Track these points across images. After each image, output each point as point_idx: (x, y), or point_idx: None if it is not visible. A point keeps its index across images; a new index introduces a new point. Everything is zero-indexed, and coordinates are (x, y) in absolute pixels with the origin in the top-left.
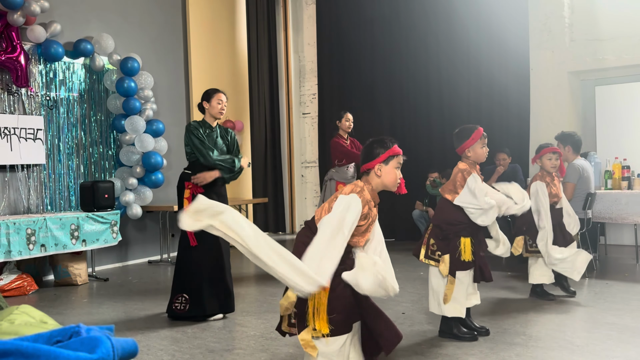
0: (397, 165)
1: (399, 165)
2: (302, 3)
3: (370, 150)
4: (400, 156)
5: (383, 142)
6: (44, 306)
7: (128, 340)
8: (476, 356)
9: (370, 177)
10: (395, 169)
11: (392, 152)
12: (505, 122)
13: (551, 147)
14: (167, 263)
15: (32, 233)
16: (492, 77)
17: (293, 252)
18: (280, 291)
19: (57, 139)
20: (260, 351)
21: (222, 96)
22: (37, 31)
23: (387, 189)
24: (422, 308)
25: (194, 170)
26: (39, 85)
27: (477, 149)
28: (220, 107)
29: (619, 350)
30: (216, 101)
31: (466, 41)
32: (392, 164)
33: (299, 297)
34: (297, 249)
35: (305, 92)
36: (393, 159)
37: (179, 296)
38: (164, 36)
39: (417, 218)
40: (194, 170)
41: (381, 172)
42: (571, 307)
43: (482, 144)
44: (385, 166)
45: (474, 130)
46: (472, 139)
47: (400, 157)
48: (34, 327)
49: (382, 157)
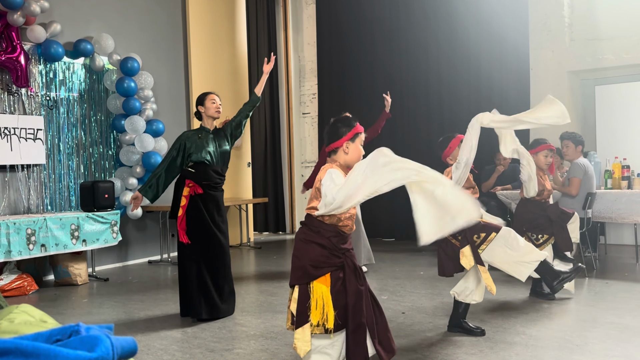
0: (362, 143)
1: (362, 142)
2: (302, 3)
3: (335, 130)
4: (362, 134)
5: (347, 120)
6: (44, 306)
7: (127, 339)
8: (476, 355)
9: (337, 156)
10: (360, 146)
11: (357, 130)
12: None
13: (548, 144)
14: (167, 263)
15: (32, 233)
16: (491, 76)
17: (294, 250)
18: (280, 291)
19: (57, 139)
20: (260, 351)
21: (214, 96)
22: (37, 31)
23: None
24: (422, 308)
25: (197, 169)
26: (39, 85)
27: (457, 155)
28: (216, 106)
29: (618, 349)
30: (210, 102)
31: (466, 41)
32: (357, 141)
33: (301, 294)
34: (297, 246)
35: (305, 92)
36: (358, 137)
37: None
38: (164, 36)
39: None
40: (198, 169)
41: (349, 149)
42: (571, 307)
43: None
44: (352, 143)
45: (452, 138)
46: (450, 147)
47: (362, 134)
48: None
49: (349, 135)
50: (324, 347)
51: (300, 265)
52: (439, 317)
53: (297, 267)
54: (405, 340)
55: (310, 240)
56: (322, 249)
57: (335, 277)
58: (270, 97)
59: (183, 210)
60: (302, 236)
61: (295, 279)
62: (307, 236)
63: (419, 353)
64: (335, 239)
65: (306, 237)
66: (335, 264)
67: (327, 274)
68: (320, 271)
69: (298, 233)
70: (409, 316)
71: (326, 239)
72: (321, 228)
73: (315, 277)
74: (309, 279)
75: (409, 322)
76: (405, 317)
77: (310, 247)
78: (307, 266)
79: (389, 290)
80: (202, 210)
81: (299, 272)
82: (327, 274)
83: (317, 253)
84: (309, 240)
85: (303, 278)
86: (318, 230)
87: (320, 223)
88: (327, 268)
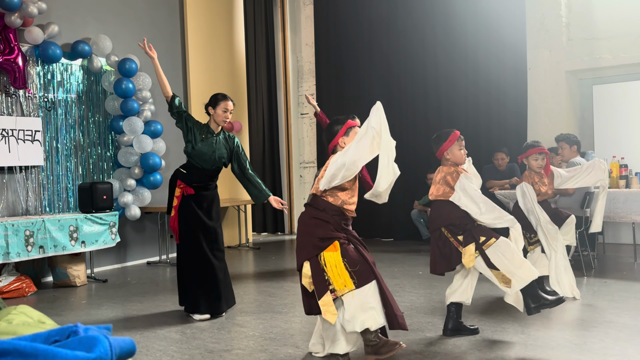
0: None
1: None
2: (299, 3)
3: (330, 130)
4: (356, 128)
5: (337, 119)
6: (42, 308)
7: (126, 340)
8: (475, 355)
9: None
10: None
11: (348, 125)
12: (503, 122)
13: (538, 148)
14: (165, 264)
15: (30, 235)
16: (489, 76)
17: (297, 234)
18: (278, 292)
19: (55, 141)
20: (259, 351)
21: (230, 104)
22: (34, 33)
23: None
24: (421, 307)
25: (189, 171)
26: (36, 86)
27: (455, 151)
28: (224, 116)
29: (617, 348)
30: (222, 109)
31: (464, 41)
32: (352, 134)
33: (314, 267)
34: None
35: (303, 93)
36: (351, 131)
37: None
38: (162, 37)
39: (415, 218)
40: (190, 171)
41: (345, 143)
42: (569, 306)
43: (459, 146)
44: (347, 138)
45: (451, 133)
46: (449, 140)
47: (356, 128)
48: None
49: (342, 131)
50: (364, 304)
51: (308, 242)
52: (437, 317)
53: (304, 244)
54: (404, 340)
55: (316, 217)
56: (326, 224)
57: (343, 242)
58: (268, 98)
59: (175, 210)
60: (307, 216)
61: (305, 256)
62: (313, 214)
63: (418, 353)
64: (338, 217)
65: (312, 215)
66: (340, 236)
67: (335, 242)
68: (327, 242)
69: (302, 215)
70: (408, 316)
71: (330, 216)
72: (327, 207)
73: (323, 247)
74: (318, 250)
75: (408, 322)
76: (405, 316)
77: (315, 222)
78: (315, 240)
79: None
80: (194, 210)
81: (308, 247)
82: (335, 242)
83: (323, 228)
84: (315, 217)
85: (313, 252)
86: (323, 209)
87: (326, 203)
88: (333, 239)
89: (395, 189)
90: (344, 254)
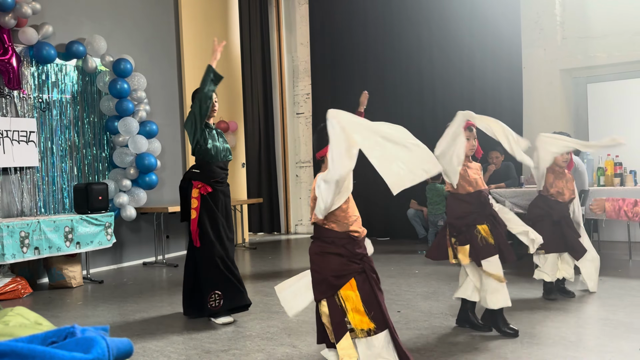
0: None
1: None
2: (294, 3)
3: (321, 137)
4: None
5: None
6: (38, 309)
7: (123, 340)
8: (471, 353)
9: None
10: None
11: None
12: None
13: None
14: (162, 265)
15: (25, 236)
16: (485, 75)
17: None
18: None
19: (50, 141)
20: (256, 351)
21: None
22: (28, 33)
23: None
24: (418, 306)
25: (201, 168)
26: (31, 87)
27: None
28: (213, 107)
29: (612, 345)
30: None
31: (459, 40)
32: None
33: (331, 307)
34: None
35: (299, 92)
36: None
37: (212, 294)
38: (157, 37)
39: (411, 217)
40: (201, 168)
41: None
42: (565, 304)
43: (467, 135)
44: None
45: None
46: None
47: None
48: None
49: None
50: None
51: (322, 279)
52: (434, 316)
53: (319, 281)
54: (401, 339)
55: (326, 251)
56: (339, 257)
57: (361, 281)
58: (264, 98)
59: (196, 212)
60: (317, 249)
61: (321, 293)
62: (322, 248)
63: (415, 351)
64: (350, 246)
65: (322, 250)
66: (355, 269)
67: (351, 280)
68: (343, 280)
69: (312, 247)
70: (404, 315)
71: (341, 247)
72: (334, 237)
73: (339, 286)
74: (334, 290)
75: (405, 321)
76: (401, 315)
77: (327, 258)
78: (329, 278)
79: (384, 289)
80: (215, 210)
81: (323, 286)
82: (351, 279)
83: (336, 262)
84: (325, 252)
85: (328, 291)
86: (332, 241)
87: (332, 232)
88: (349, 275)
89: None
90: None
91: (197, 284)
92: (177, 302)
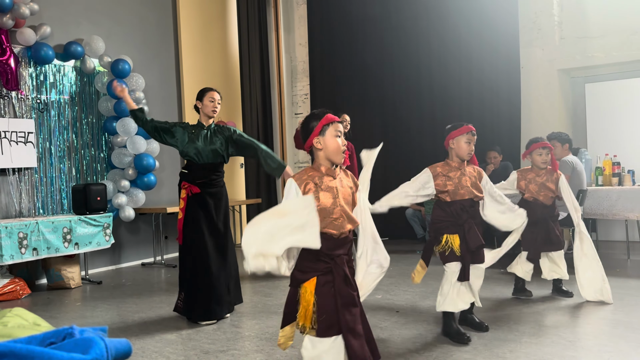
0: (336, 134)
1: (338, 133)
2: (293, 3)
3: (305, 127)
4: (336, 123)
5: (314, 115)
6: (37, 310)
7: (121, 341)
8: (470, 352)
9: (316, 154)
10: (335, 137)
11: (325, 121)
12: (496, 120)
13: (541, 142)
14: (160, 265)
15: (24, 237)
16: (482, 75)
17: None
18: (274, 292)
19: (49, 142)
20: (255, 352)
21: (215, 94)
22: (26, 34)
23: (333, 160)
24: (416, 306)
25: (190, 169)
26: (29, 88)
27: (461, 143)
28: (213, 106)
29: (611, 345)
30: (208, 99)
31: (457, 40)
32: (329, 133)
33: (289, 296)
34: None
35: (297, 93)
36: (329, 128)
37: (180, 293)
38: (155, 37)
39: (410, 217)
40: (190, 169)
41: (321, 144)
42: (563, 303)
43: (467, 139)
44: (323, 137)
45: (463, 125)
46: (459, 130)
47: (337, 124)
48: (27, 330)
49: (317, 130)
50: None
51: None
52: (432, 316)
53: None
54: (400, 339)
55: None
56: (308, 253)
57: (322, 281)
58: (262, 98)
59: (182, 212)
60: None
61: (290, 283)
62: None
63: (414, 351)
64: (324, 243)
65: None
66: (320, 269)
67: (314, 278)
68: (306, 275)
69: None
70: (403, 315)
71: None
72: None
73: (302, 281)
74: (297, 283)
75: (403, 321)
76: (399, 315)
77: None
78: (295, 271)
79: (383, 289)
80: (199, 211)
81: (291, 277)
82: (314, 277)
83: (303, 258)
84: None
85: (292, 282)
86: None
87: None
88: (312, 273)
89: (389, 187)
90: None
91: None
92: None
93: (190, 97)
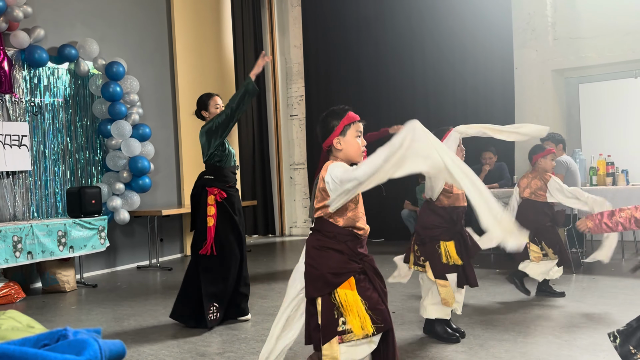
0: (357, 134)
1: (359, 133)
2: (287, 5)
3: (325, 125)
4: (357, 123)
5: (335, 113)
6: (32, 313)
7: (115, 342)
8: (466, 353)
9: (335, 153)
10: (355, 138)
11: (346, 121)
12: (490, 121)
13: (550, 149)
14: (156, 268)
15: (18, 240)
16: (477, 76)
17: (306, 263)
18: (270, 294)
19: (43, 145)
20: (251, 354)
21: (218, 99)
22: (20, 37)
23: (353, 160)
24: (413, 307)
25: (215, 174)
26: (23, 91)
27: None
28: (219, 111)
29: (606, 344)
30: (214, 106)
31: (451, 41)
32: (350, 133)
33: (324, 305)
34: (312, 255)
35: (293, 94)
36: (350, 128)
37: (212, 306)
38: (149, 40)
39: (406, 218)
40: (215, 174)
41: (341, 145)
42: (559, 302)
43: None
44: (344, 138)
45: (446, 131)
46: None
47: (358, 123)
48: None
49: (337, 130)
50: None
51: (319, 275)
52: None
53: (314, 277)
54: (397, 339)
55: (326, 246)
56: (340, 254)
57: (360, 279)
58: (257, 100)
59: (214, 219)
60: (316, 243)
61: (316, 291)
62: (322, 242)
63: (410, 352)
64: (352, 243)
65: (321, 244)
66: (355, 269)
67: (350, 278)
68: (341, 278)
69: (310, 240)
70: (400, 315)
71: (343, 243)
72: (336, 232)
73: (337, 284)
74: (331, 288)
75: (400, 322)
76: (396, 316)
77: (326, 254)
78: (327, 275)
79: None
80: (233, 215)
81: (319, 282)
82: (350, 278)
83: (336, 259)
84: (324, 246)
85: (325, 288)
86: (334, 235)
87: (335, 227)
88: (348, 274)
89: (386, 187)
90: (361, 293)
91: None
92: (171, 306)
93: (184, 99)
